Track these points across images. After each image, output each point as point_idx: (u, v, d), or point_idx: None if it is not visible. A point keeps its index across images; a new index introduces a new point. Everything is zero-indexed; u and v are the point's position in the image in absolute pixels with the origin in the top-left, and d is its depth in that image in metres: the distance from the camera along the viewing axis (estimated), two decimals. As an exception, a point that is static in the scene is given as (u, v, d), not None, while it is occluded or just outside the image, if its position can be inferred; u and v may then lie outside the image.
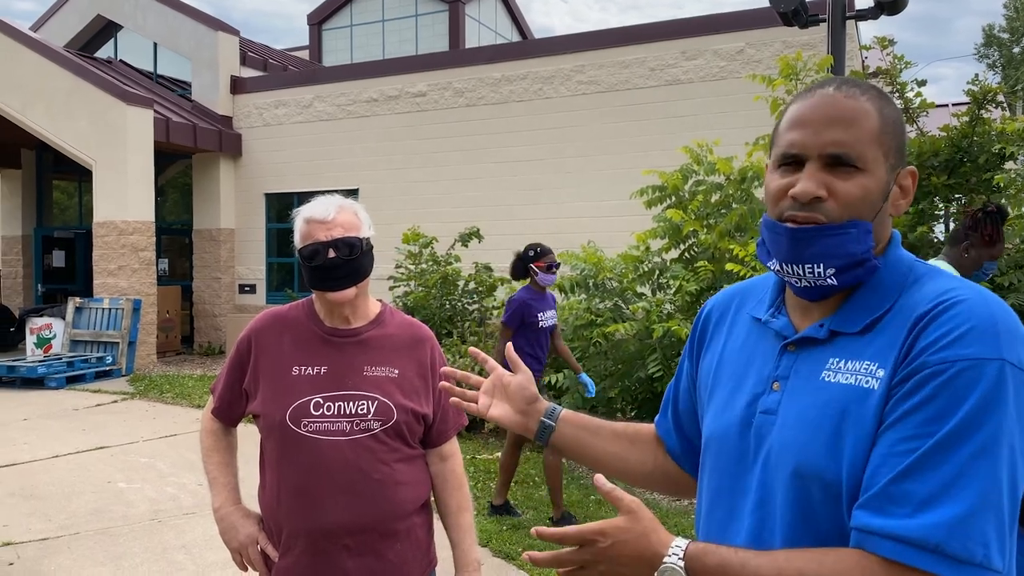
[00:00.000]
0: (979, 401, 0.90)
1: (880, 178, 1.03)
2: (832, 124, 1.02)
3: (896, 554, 0.89)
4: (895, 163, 1.05)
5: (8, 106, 12.24)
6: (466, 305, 9.16)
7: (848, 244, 1.01)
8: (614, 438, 1.37)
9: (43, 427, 7.69)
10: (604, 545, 1.01)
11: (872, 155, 1.02)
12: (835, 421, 0.98)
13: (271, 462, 1.93)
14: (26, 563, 4.31)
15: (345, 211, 1.92)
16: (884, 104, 1.06)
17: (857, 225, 1.01)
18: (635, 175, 9.90)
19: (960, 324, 0.94)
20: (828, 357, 1.03)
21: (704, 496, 1.18)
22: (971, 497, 0.88)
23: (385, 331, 1.99)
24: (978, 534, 0.87)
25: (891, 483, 0.91)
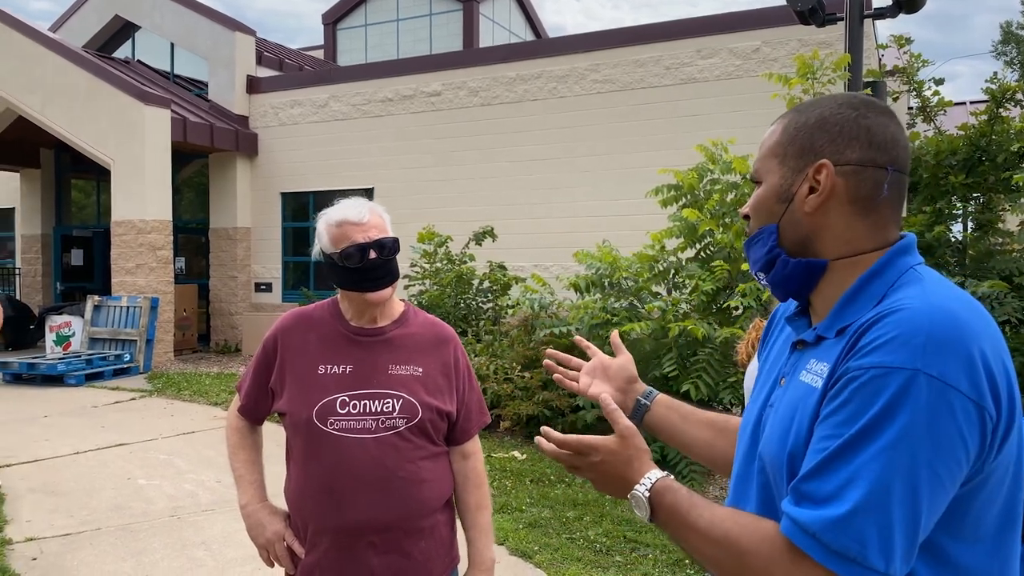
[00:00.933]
0: (882, 408, 0.95)
1: (773, 184, 1.14)
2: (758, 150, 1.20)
3: (792, 535, 0.98)
4: (796, 164, 1.12)
5: (28, 106, 12.37)
6: (480, 304, 9.19)
7: (757, 249, 1.17)
8: (703, 426, 1.44)
9: (63, 424, 7.78)
10: (594, 459, 1.16)
11: (767, 167, 1.16)
12: (791, 415, 1.07)
13: (297, 460, 1.96)
14: (49, 558, 4.37)
15: (375, 213, 1.96)
16: (796, 115, 1.15)
17: (762, 231, 1.16)
18: (650, 174, 9.89)
19: (886, 333, 0.98)
20: (810, 358, 1.10)
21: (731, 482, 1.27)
22: (856, 498, 0.93)
23: (409, 330, 2.02)
24: (855, 532, 0.93)
25: (803, 479, 0.99)
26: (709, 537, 1.05)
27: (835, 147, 1.10)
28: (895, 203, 1.12)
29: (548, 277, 8.83)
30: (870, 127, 1.10)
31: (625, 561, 4.35)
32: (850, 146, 1.09)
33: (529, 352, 7.22)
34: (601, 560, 4.37)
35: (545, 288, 7.23)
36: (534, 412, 6.64)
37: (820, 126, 1.11)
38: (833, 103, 1.13)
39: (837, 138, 1.10)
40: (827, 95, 1.20)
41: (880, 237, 1.11)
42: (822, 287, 1.13)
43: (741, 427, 1.25)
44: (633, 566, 4.28)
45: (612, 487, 1.16)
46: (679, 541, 1.10)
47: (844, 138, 1.10)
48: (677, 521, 1.09)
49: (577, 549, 4.51)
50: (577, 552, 4.46)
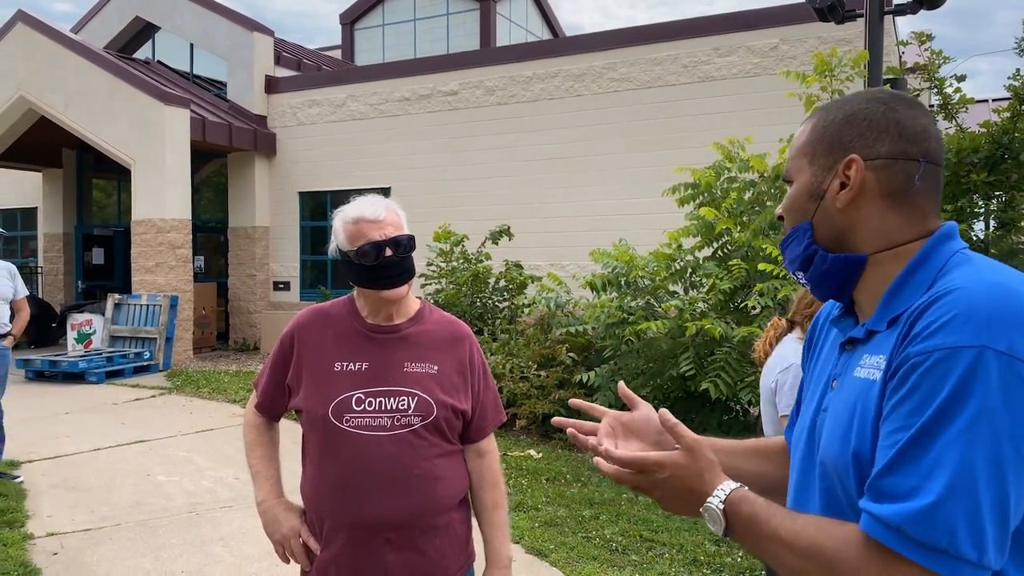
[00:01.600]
0: (953, 390, 0.91)
1: (804, 182, 1.15)
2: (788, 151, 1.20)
3: (876, 533, 0.94)
4: (826, 161, 1.12)
5: (51, 107, 12.52)
6: (496, 303, 9.19)
7: (793, 248, 1.17)
8: (750, 456, 1.39)
9: (84, 420, 7.87)
10: (661, 476, 1.11)
11: (797, 166, 1.16)
12: (850, 414, 1.04)
13: (313, 456, 1.96)
14: (69, 553, 4.42)
15: (391, 211, 1.97)
16: (824, 113, 1.15)
17: (796, 229, 1.16)
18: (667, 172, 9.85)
19: (944, 314, 0.95)
20: (863, 354, 1.08)
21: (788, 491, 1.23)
22: (939, 487, 0.90)
23: (425, 328, 2.03)
24: (943, 522, 0.89)
25: (879, 475, 0.96)
26: (794, 548, 1.01)
27: (864, 142, 1.09)
28: (931, 194, 1.10)
29: (564, 276, 8.82)
30: (899, 120, 1.09)
31: (641, 560, 4.34)
32: (879, 140, 1.09)
33: (545, 351, 7.22)
34: (617, 559, 4.36)
35: (561, 287, 7.23)
36: (550, 411, 6.64)
37: (848, 122, 1.11)
38: (861, 99, 1.13)
39: (866, 132, 1.10)
40: (856, 92, 1.19)
41: (919, 227, 1.09)
42: (865, 282, 1.12)
43: (795, 436, 1.22)
44: (649, 565, 4.27)
45: (682, 504, 1.12)
46: (760, 554, 1.06)
47: (873, 132, 1.09)
48: (757, 533, 1.05)
49: (593, 548, 4.50)
50: (593, 551, 4.45)
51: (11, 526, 4.74)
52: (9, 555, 4.27)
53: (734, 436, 6.23)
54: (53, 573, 4.14)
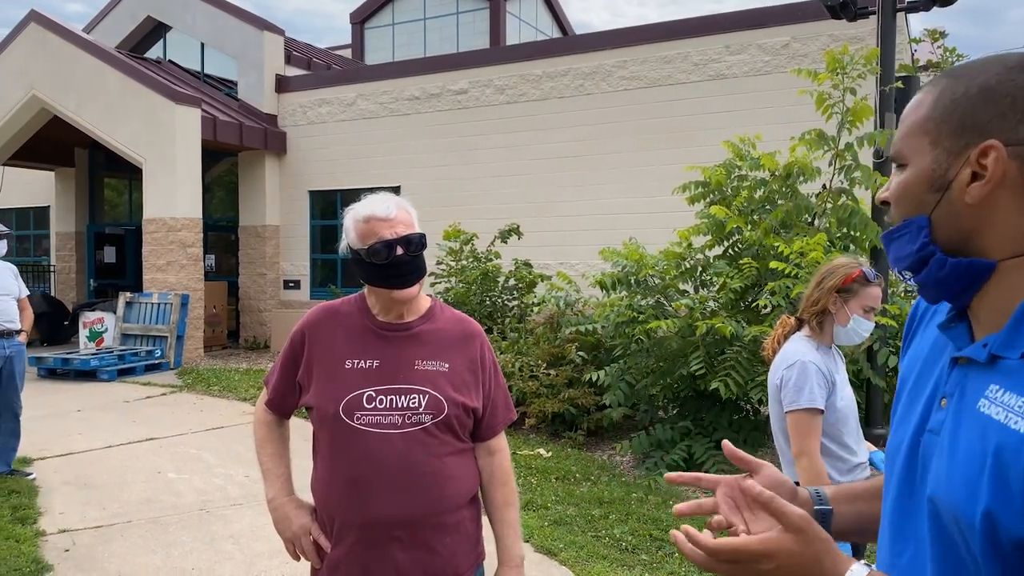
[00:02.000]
0: None
1: (923, 168, 0.94)
2: (900, 125, 0.99)
3: None
4: (954, 145, 0.91)
5: (63, 106, 12.59)
6: (506, 302, 9.19)
7: (903, 245, 0.97)
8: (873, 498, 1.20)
9: (96, 418, 7.91)
10: (766, 567, 0.91)
11: (914, 146, 0.96)
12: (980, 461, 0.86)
13: (324, 454, 1.96)
14: (81, 549, 4.44)
15: (402, 209, 1.96)
16: (951, 83, 0.94)
17: (909, 224, 0.96)
18: (677, 171, 9.82)
19: None
20: (990, 382, 0.90)
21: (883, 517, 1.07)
22: None
23: (436, 326, 2.02)
24: None
25: None
26: None
27: (1005, 123, 0.88)
28: None
29: (574, 275, 8.81)
30: None
31: (651, 560, 4.33)
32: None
33: (555, 350, 7.21)
34: (627, 559, 4.35)
35: (571, 286, 7.22)
36: (559, 409, 6.63)
37: (984, 97, 0.90)
38: (999, 67, 0.91)
39: (1008, 112, 0.88)
40: (988, 57, 0.95)
41: None
42: (989, 292, 0.93)
43: (890, 451, 1.05)
44: (659, 565, 4.26)
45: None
46: None
47: (1017, 111, 0.88)
48: None
49: (603, 547, 4.49)
50: (603, 550, 4.44)
51: (24, 522, 4.77)
52: (22, 551, 4.30)
53: (743, 435, 6.21)
54: (65, 569, 4.16)
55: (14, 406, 5.67)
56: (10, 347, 5.58)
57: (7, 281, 5.65)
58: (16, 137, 13.55)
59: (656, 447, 6.13)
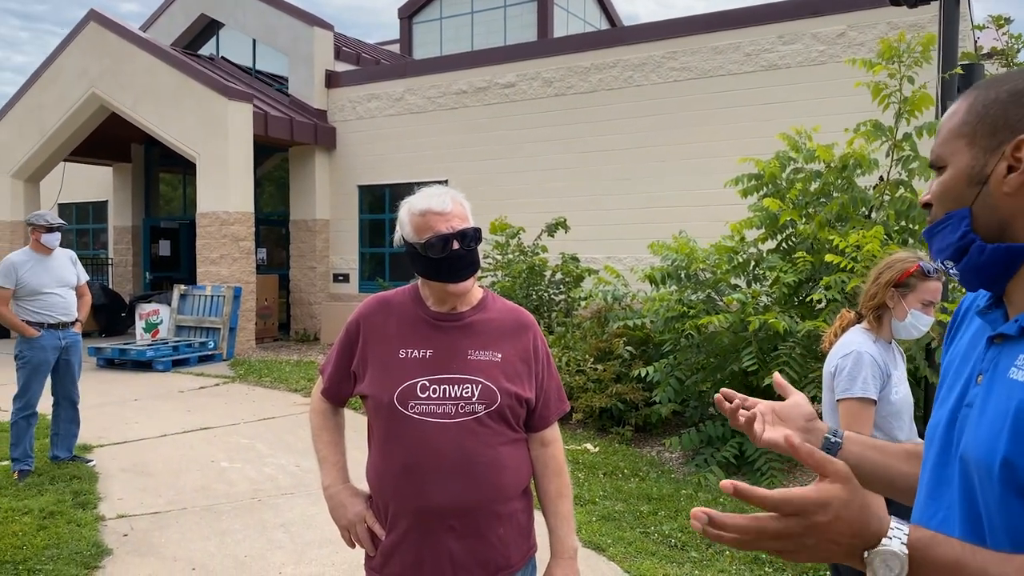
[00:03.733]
0: None
1: (961, 166, 1.06)
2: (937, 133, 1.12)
3: None
4: (989, 143, 1.03)
5: (120, 103, 12.91)
6: (552, 295, 9.16)
7: (945, 236, 1.08)
8: (903, 457, 1.29)
9: (152, 407, 8.10)
10: (824, 519, 0.89)
11: (951, 149, 1.08)
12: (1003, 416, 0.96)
13: (378, 442, 1.97)
14: (139, 535, 4.55)
15: (457, 202, 1.96)
16: (982, 91, 1.07)
17: (951, 216, 1.07)
18: (728, 163, 9.66)
19: None
20: (1020, 352, 1.00)
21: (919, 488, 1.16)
22: None
23: (488, 316, 2.02)
24: None
25: None
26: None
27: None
28: None
29: (621, 269, 8.73)
30: None
31: (701, 558, 4.26)
32: None
33: (602, 344, 7.16)
34: (676, 556, 4.29)
35: (619, 280, 7.15)
36: (607, 405, 6.58)
37: (1014, 99, 1.03)
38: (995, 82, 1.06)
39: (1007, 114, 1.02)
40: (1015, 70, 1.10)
41: None
42: (1021, 275, 1.05)
43: (930, 428, 1.14)
44: (709, 563, 4.19)
45: (838, 548, 0.90)
46: None
47: None
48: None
49: (651, 544, 4.44)
50: (651, 547, 4.39)
51: (84, 507, 4.90)
52: (83, 535, 4.42)
53: (797, 433, 6.08)
54: (124, 553, 4.27)
55: (72, 395, 5.83)
56: (67, 337, 5.73)
57: (65, 272, 5.80)
58: (76, 134, 13.94)
59: (706, 444, 6.04)
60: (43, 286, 5.61)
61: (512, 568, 1.96)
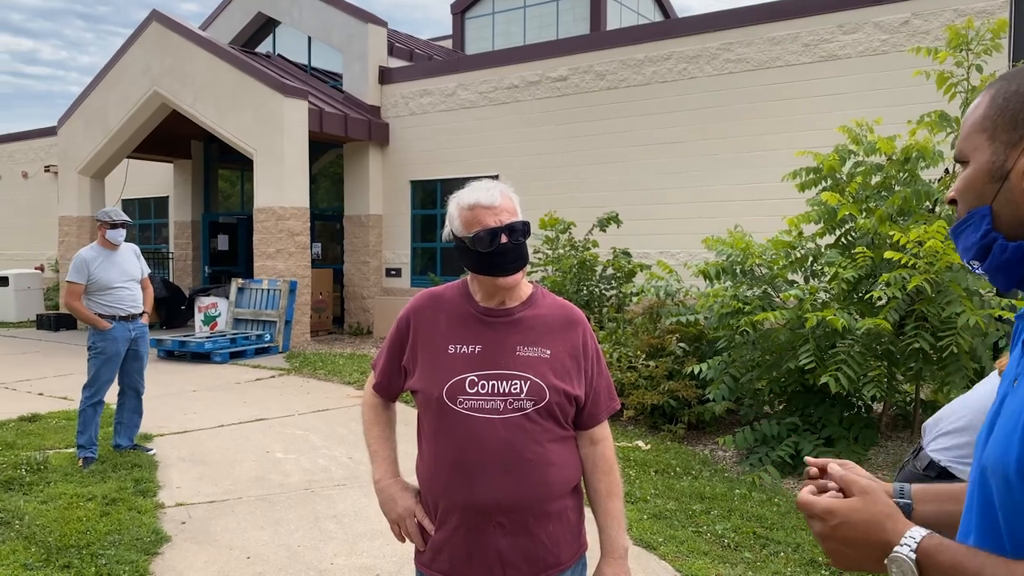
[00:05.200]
0: None
1: (982, 162, 1.03)
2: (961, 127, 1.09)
3: None
4: (1010, 137, 1.00)
5: (181, 100, 13.23)
6: (603, 291, 9.09)
7: (968, 235, 1.05)
8: None
9: (209, 398, 8.30)
10: (832, 523, 1.03)
11: (973, 144, 1.05)
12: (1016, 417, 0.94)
13: (428, 437, 1.98)
14: (196, 523, 4.66)
15: (506, 196, 1.95)
16: (1004, 84, 1.03)
17: (972, 215, 1.04)
18: (784, 157, 9.46)
19: None
20: None
21: None
22: None
23: (537, 312, 2.01)
24: None
25: None
26: None
27: None
28: None
29: (674, 264, 8.62)
30: None
31: (755, 558, 4.18)
32: None
33: (654, 340, 7.07)
34: (729, 555, 4.21)
35: (672, 275, 7.05)
36: (659, 402, 6.50)
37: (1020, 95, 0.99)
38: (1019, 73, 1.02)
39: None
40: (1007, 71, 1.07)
41: None
42: None
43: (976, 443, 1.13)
44: (763, 564, 4.11)
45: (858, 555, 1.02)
46: None
47: None
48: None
49: (704, 543, 4.37)
50: (704, 546, 4.32)
51: (145, 495, 5.04)
52: (143, 522, 4.54)
53: (854, 433, 5.92)
54: (182, 540, 4.37)
55: (137, 385, 6.00)
56: (135, 329, 5.89)
57: (131, 266, 5.97)
58: (139, 131, 14.34)
59: (761, 443, 5.92)
60: (112, 280, 5.79)
61: (562, 566, 1.94)
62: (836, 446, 5.77)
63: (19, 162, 21.40)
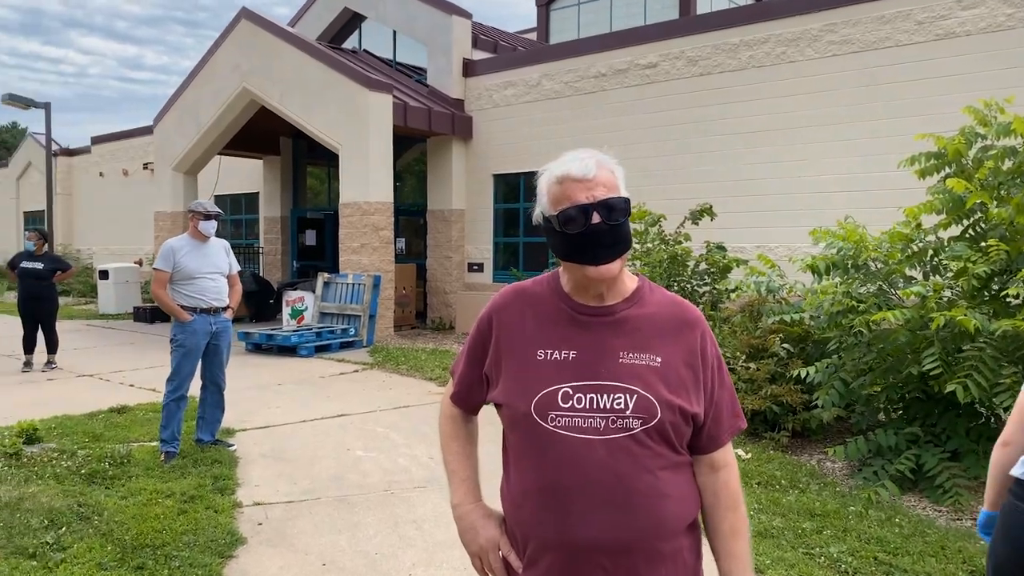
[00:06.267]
0: None
1: None
2: None
3: None
4: None
5: (269, 97, 13.37)
6: (696, 287, 8.61)
7: None
8: None
9: (293, 393, 8.24)
10: None
11: None
12: None
13: (514, 460, 1.66)
14: (273, 524, 4.50)
15: (604, 167, 1.62)
16: None
17: None
18: (897, 143, 8.76)
19: None
20: None
21: None
22: None
23: (645, 311, 1.66)
24: None
25: None
26: None
27: None
28: None
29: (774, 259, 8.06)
30: None
31: (878, 588, 3.71)
32: None
33: (755, 341, 6.58)
34: (848, 584, 3.76)
35: (774, 270, 6.54)
36: (761, 407, 6.02)
37: None
38: None
39: None
40: None
41: None
42: None
43: None
44: (889, 596, 3.64)
45: None
46: None
47: None
48: None
49: (817, 567, 3.92)
50: (817, 571, 3.88)
51: (223, 492, 4.92)
52: (219, 522, 4.41)
53: (983, 446, 5.30)
54: (257, 543, 4.21)
55: (219, 380, 5.92)
56: (217, 323, 5.82)
57: (219, 259, 5.89)
58: (229, 127, 14.58)
59: (876, 454, 5.39)
60: (197, 270, 5.72)
61: (676, 618, 1.60)
62: (963, 460, 5.19)
63: (120, 160, 22.28)
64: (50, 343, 9.72)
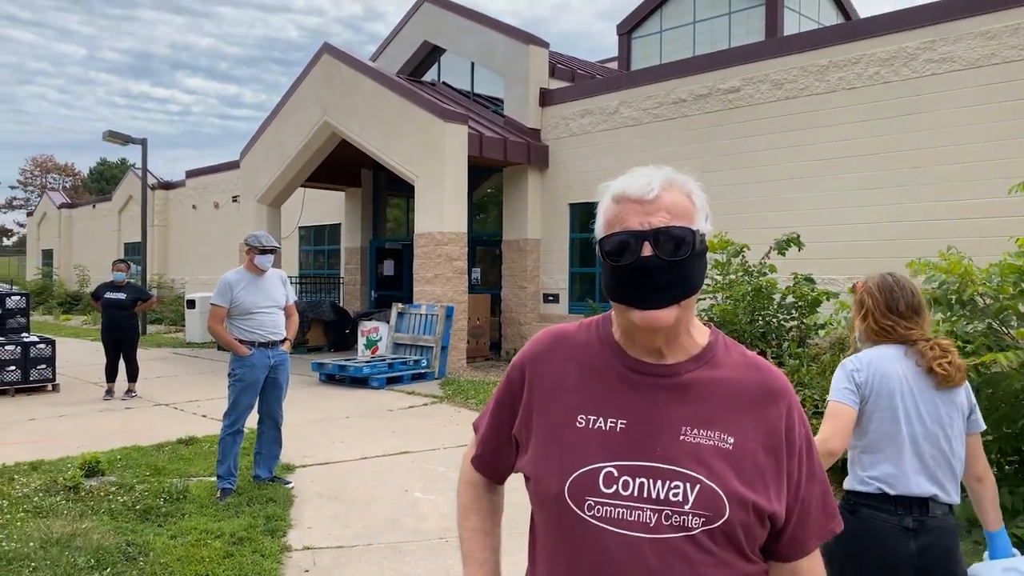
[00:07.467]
0: None
1: None
2: None
3: None
4: None
5: (348, 129, 13.52)
6: (782, 322, 8.06)
7: None
8: None
9: (359, 426, 8.09)
10: None
11: None
12: None
13: (543, 547, 1.34)
14: (319, 571, 4.27)
15: (674, 189, 1.29)
16: None
17: None
18: (1004, 167, 8.07)
19: None
20: None
21: None
22: None
23: (717, 374, 1.31)
24: None
25: None
26: None
27: None
28: None
29: (868, 292, 7.46)
30: None
31: None
32: None
33: (845, 381, 6.03)
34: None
35: (867, 305, 5.99)
36: (852, 455, 5.47)
37: None
38: None
39: None
40: None
41: None
42: None
43: None
44: None
45: None
46: None
47: None
48: None
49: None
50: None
51: (273, 535, 4.73)
52: (264, 568, 4.21)
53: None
54: (300, 593, 3.98)
55: (276, 415, 5.79)
56: (275, 356, 5.70)
57: (276, 292, 5.79)
58: (311, 160, 14.83)
59: (987, 514, 4.77)
60: (255, 305, 5.63)
61: None
62: (1093, 526, 4.53)
63: (212, 193, 23.09)
64: (131, 372, 9.91)
